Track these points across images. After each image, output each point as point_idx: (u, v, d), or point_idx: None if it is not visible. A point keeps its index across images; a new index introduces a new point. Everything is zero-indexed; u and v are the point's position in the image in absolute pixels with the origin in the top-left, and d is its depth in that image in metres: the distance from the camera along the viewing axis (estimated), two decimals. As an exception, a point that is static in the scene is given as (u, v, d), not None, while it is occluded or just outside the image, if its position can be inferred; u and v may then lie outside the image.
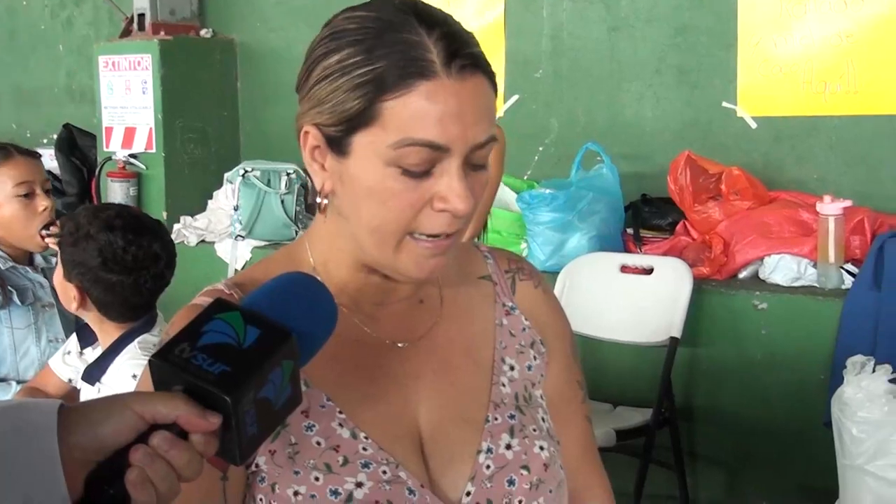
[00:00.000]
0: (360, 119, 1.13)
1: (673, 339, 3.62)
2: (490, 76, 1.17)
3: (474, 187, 1.17)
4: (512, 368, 1.30)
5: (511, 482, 1.23)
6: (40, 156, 3.10)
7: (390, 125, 1.12)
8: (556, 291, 3.84)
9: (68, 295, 2.37)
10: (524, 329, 1.33)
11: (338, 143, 1.16)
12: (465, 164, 1.15)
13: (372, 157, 1.14)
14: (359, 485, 1.16)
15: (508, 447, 1.25)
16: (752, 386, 3.70)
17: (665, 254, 3.88)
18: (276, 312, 0.99)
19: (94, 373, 2.38)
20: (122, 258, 2.30)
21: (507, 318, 1.33)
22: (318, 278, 1.12)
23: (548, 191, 4.00)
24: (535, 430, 1.28)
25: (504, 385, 1.29)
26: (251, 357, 0.95)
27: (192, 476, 0.92)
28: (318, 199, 1.20)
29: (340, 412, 1.20)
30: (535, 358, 1.33)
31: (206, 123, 5.26)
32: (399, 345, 1.25)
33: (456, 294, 1.32)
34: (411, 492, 1.18)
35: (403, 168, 1.13)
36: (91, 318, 2.41)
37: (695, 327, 3.72)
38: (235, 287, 1.24)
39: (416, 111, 1.11)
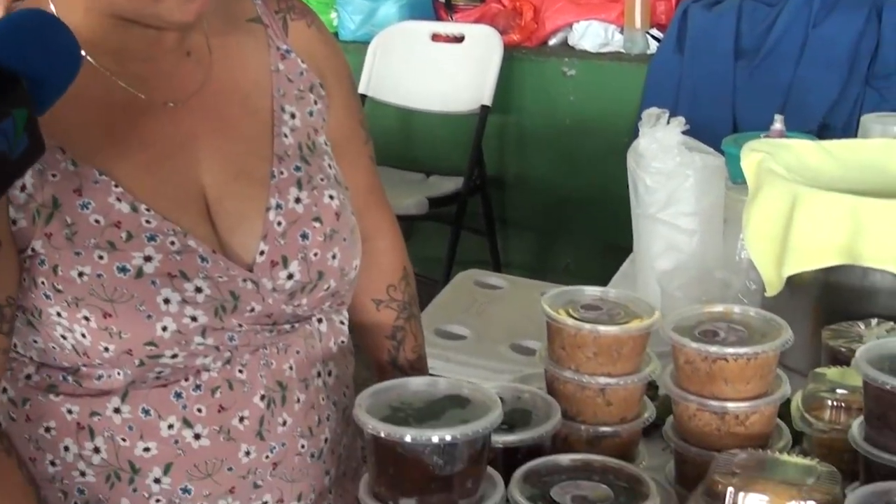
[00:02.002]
0: None
1: (484, 107, 3.64)
2: None
3: None
4: (293, 117, 1.25)
5: (304, 236, 1.21)
6: None
7: None
8: (367, 61, 3.78)
9: None
10: (301, 73, 1.27)
11: None
12: None
13: None
14: (147, 259, 1.12)
15: (298, 201, 1.21)
16: (561, 152, 3.78)
17: (476, 21, 3.84)
18: (1, 54, 0.88)
19: None
20: None
21: (283, 63, 1.26)
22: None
23: (356, -43, 3.87)
24: (322, 180, 1.24)
25: (286, 136, 1.24)
26: None
27: None
28: None
29: (116, 186, 1.13)
30: (315, 102, 1.28)
31: None
32: (170, 104, 1.18)
33: (225, 41, 1.23)
34: (203, 259, 1.14)
35: None
36: None
37: (505, 95, 3.74)
38: None
39: None
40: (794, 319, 1.29)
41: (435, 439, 0.99)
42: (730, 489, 1.05)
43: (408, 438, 0.99)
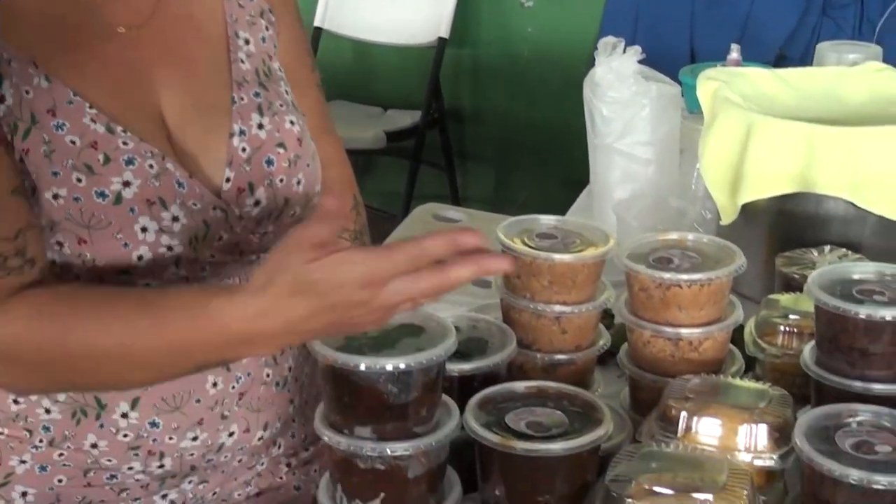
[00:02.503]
0: None
1: (441, 39, 3.60)
2: None
3: None
4: (247, 42, 1.23)
5: (269, 162, 1.20)
6: None
7: None
8: (322, -5, 3.73)
9: None
10: None
11: None
12: None
13: None
14: (126, 184, 1.10)
15: (260, 127, 1.20)
16: (519, 84, 3.76)
17: (433, -48, 3.79)
18: None
19: None
20: None
21: None
22: None
23: None
24: (281, 106, 1.23)
25: (243, 62, 1.22)
26: None
27: None
28: None
29: (91, 107, 1.11)
30: (266, 28, 1.26)
31: None
32: (121, 30, 1.16)
33: None
34: (180, 184, 1.13)
35: None
36: None
37: (463, 27, 3.71)
38: None
39: None
40: (749, 247, 1.30)
41: (389, 367, 0.99)
42: (683, 413, 1.06)
43: (362, 367, 0.99)
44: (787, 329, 1.27)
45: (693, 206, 1.72)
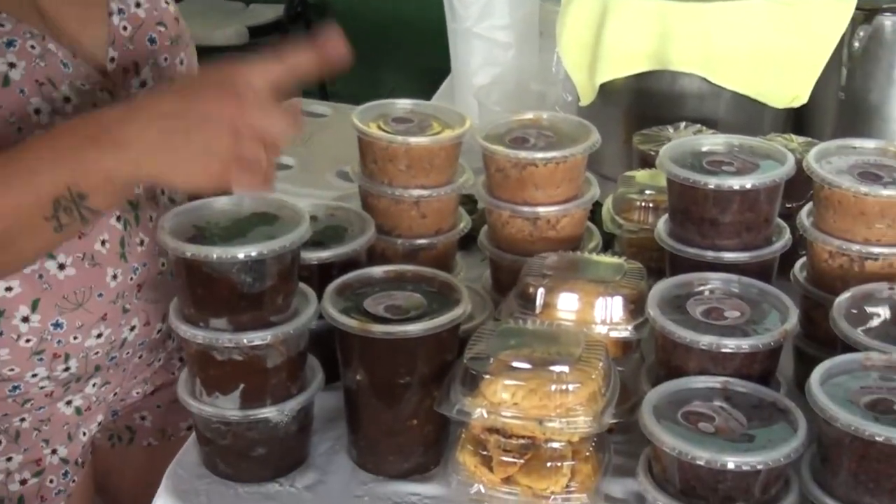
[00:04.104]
0: None
1: (301, -71, 3.52)
2: None
3: None
4: None
5: (152, 41, 1.20)
6: None
7: None
8: None
9: None
10: None
11: None
12: None
13: None
14: (11, 65, 1.07)
15: (138, 5, 1.20)
16: (383, -25, 3.70)
17: None
18: None
19: None
20: None
21: None
22: None
23: None
24: None
25: None
26: None
27: None
28: None
29: None
30: None
31: None
32: None
33: None
34: (65, 64, 1.11)
35: None
36: None
37: (323, -84, 3.62)
38: None
39: None
40: (608, 127, 1.30)
41: (241, 256, 0.96)
42: (541, 290, 1.07)
43: (214, 257, 0.97)
44: (643, 204, 1.28)
45: (554, 89, 1.72)
